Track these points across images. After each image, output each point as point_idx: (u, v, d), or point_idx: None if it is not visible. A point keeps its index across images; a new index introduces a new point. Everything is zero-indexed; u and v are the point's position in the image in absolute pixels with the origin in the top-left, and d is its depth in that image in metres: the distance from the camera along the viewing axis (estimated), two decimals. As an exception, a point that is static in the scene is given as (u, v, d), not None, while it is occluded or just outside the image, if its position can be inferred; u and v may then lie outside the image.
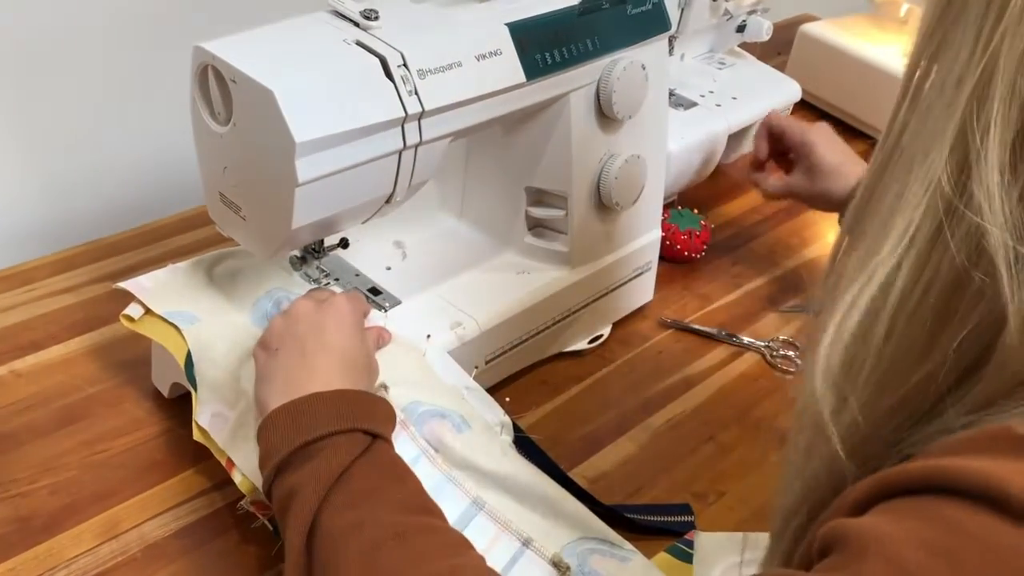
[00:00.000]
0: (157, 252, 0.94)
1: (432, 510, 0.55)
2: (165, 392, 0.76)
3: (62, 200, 1.03)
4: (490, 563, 0.62)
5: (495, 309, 0.79)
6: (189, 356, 0.68)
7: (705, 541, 0.70)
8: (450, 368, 0.71)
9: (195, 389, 0.68)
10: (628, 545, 0.68)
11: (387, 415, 0.60)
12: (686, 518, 0.73)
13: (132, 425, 0.75)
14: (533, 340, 0.83)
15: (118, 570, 0.64)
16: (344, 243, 0.77)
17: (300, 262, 0.75)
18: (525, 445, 0.71)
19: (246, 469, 0.63)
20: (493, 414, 0.69)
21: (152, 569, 0.64)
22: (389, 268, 0.82)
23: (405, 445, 0.65)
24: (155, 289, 0.72)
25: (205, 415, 0.67)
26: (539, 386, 0.84)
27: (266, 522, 0.65)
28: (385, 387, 0.66)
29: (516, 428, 0.72)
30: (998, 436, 0.36)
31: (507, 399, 0.80)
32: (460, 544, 0.53)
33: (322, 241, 0.75)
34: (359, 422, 0.56)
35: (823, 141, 0.94)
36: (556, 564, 0.64)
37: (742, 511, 0.75)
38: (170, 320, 0.70)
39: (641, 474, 0.76)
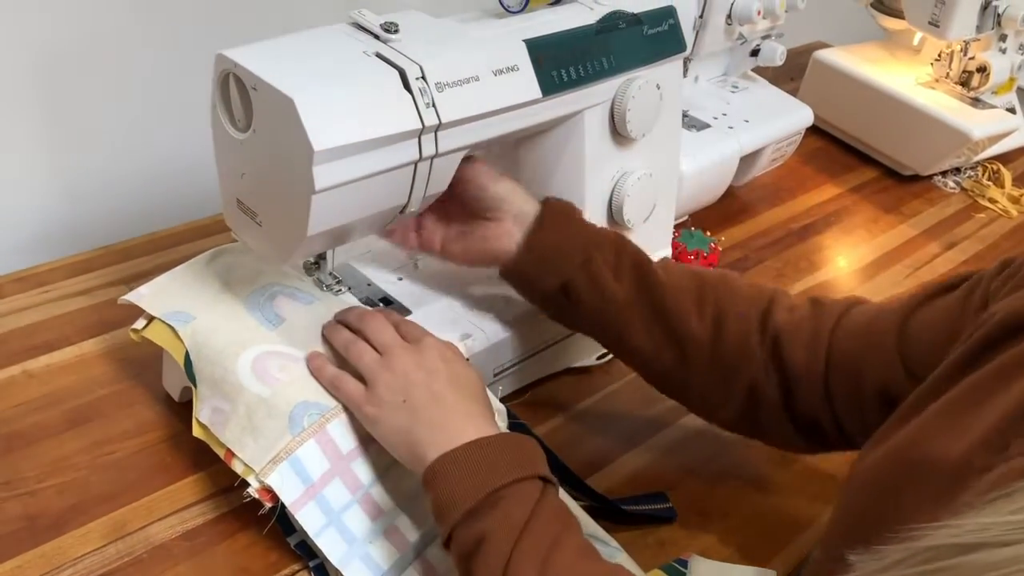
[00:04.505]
0: (170, 258, 0.94)
1: (598, 556, 0.57)
2: (175, 396, 0.77)
3: (79, 204, 1.04)
4: None
5: (504, 321, 0.79)
6: (188, 356, 0.69)
7: (701, 565, 0.70)
8: None
9: (196, 387, 0.68)
10: (614, 542, 0.68)
11: (542, 455, 0.61)
12: (664, 505, 0.75)
13: (142, 427, 0.75)
14: (541, 354, 0.83)
15: (124, 571, 0.64)
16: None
17: (314, 268, 0.75)
18: (520, 432, 0.71)
19: (250, 459, 0.64)
20: None
21: (158, 571, 0.65)
22: (400, 278, 0.83)
23: None
24: (152, 295, 0.73)
25: (205, 411, 0.67)
26: (547, 401, 0.84)
27: (270, 509, 0.65)
28: None
29: (511, 415, 0.72)
30: None
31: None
32: None
33: (324, 254, 0.75)
34: (534, 468, 0.58)
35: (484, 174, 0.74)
36: None
37: (747, 532, 0.74)
38: (167, 321, 0.71)
39: (648, 491, 0.76)
